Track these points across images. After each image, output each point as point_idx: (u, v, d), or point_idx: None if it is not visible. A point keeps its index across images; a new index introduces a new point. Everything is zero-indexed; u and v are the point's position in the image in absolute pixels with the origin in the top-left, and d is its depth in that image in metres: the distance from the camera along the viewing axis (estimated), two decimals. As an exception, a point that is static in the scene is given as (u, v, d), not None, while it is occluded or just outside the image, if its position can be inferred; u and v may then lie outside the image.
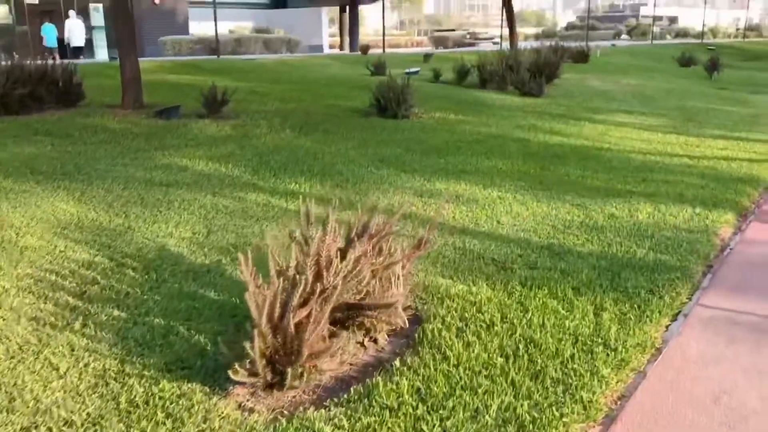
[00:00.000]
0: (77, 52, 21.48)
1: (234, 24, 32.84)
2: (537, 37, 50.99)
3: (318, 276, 2.90)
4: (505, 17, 21.52)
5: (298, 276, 2.85)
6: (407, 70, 14.57)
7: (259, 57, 19.21)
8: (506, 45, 21.39)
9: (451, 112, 10.33)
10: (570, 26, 58.73)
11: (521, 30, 71.95)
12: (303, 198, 3.77)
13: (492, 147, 7.93)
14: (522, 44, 24.16)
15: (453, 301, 3.65)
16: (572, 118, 10.31)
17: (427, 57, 18.61)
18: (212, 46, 23.61)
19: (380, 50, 26.03)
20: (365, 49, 21.26)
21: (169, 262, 4.03)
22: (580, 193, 6.02)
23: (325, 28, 34.63)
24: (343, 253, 3.07)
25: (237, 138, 7.72)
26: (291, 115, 9.37)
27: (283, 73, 14.25)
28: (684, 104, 12.50)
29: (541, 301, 3.70)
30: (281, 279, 2.81)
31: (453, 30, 56.04)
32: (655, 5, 40.25)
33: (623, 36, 48.63)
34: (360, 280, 2.97)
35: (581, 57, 20.57)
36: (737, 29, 61.49)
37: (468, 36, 44.40)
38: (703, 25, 38.12)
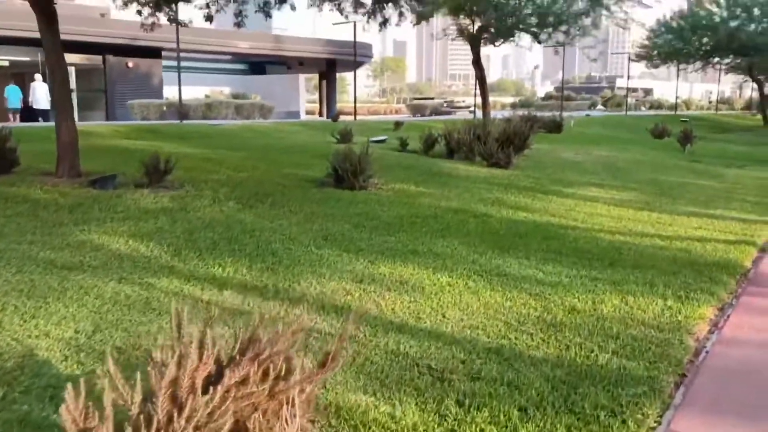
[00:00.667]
0: (42, 114, 21.00)
1: (210, 89, 32.77)
2: (514, 106, 51.71)
3: (169, 420, 2.20)
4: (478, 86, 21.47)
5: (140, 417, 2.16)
6: (373, 138, 14.17)
7: (226, 123, 18.82)
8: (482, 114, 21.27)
9: (413, 183, 9.80)
10: (547, 96, 59.77)
11: (499, 99, 73.23)
12: (219, 286, 3.09)
13: (450, 223, 7.35)
14: (498, 113, 24.12)
15: (369, 431, 2.95)
16: (540, 192, 9.82)
17: (397, 125, 18.33)
18: (182, 110, 23.30)
19: (349, 118, 25.96)
20: (337, 116, 21.00)
21: (29, 374, 3.30)
22: (540, 280, 5.41)
23: (302, 95, 34.67)
24: (213, 381, 2.38)
25: (172, 211, 7.06)
26: (241, 185, 8.77)
27: (247, 140, 13.77)
28: (657, 177, 12.12)
29: (478, 430, 3.01)
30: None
31: (431, 98, 56.76)
32: (628, 77, 40.96)
33: (599, 107, 49.49)
34: (223, 423, 2.26)
35: (555, 127, 20.46)
36: (710, 102, 62.91)
37: (445, 104, 44.82)
38: (676, 97, 38.79)
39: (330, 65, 36.49)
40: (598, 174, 12.16)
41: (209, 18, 10.88)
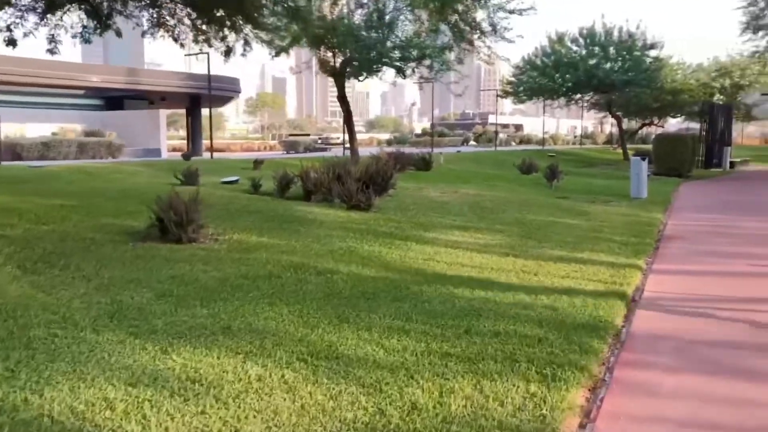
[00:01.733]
0: None
1: (59, 126, 29.87)
2: (390, 142, 51.85)
3: None
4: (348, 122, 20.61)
5: None
6: (224, 179, 12.79)
7: (56, 164, 16.69)
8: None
9: (256, 232, 8.53)
10: (422, 133, 60.57)
11: (377, 136, 73.64)
12: None
13: (285, 285, 6.13)
14: (368, 150, 23.37)
15: None
16: (399, 238, 8.85)
17: (257, 163, 17.01)
18: (15, 150, 20.76)
19: (221, 155, 24.35)
20: (189, 154, 19.36)
21: None
22: (379, 362, 4.30)
23: (163, 131, 32.49)
24: None
25: None
26: (36, 241, 7.14)
27: (71, 183, 11.95)
28: (524, 217, 11.56)
29: None
30: None
31: (307, 134, 55.85)
32: (497, 114, 42.01)
33: (471, 142, 50.54)
34: None
35: (424, 164, 19.93)
36: (574, 136, 66.32)
37: (320, 141, 43.95)
38: (543, 132, 40.10)
39: (194, 100, 34.61)
40: (464, 215, 11.43)
41: (11, 42, 9.18)
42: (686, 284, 7.22)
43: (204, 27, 10.64)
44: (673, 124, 62.15)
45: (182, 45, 10.81)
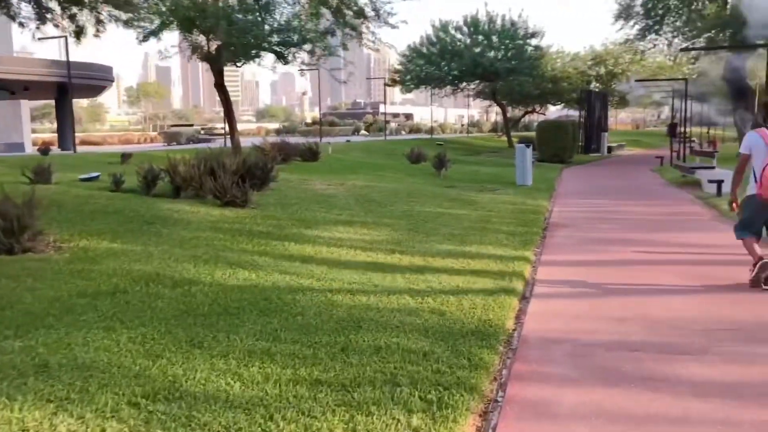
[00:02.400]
0: None
1: None
2: (278, 132, 50.47)
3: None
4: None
5: None
6: (83, 176, 11.44)
7: None
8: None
9: (109, 237, 7.46)
10: (314, 122, 59.43)
11: (266, 125, 71.69)
12: None
13: (131, 302, 5.21)
14: (254, 141, 22.25)
15: None
16: (276, 238, 8.05)
17: (125, 157, 15.56)
18: None
19: (95, 148, 22.39)
20: (45, 148, 17.54)
21: None
22: (233, 400, 3.53)
23: (26, 124, 29.65)
24: None
25: None
26: None
27: None
28: (412, 209, 11.06)
29: None
30: None
31: (190, 125, 53.35)
32: (386, 103, 41.78)
33: (362, 132, 50.09)
34: None
35: (311, 155, 19.12)
36: (462, 125, 67.52)
37: (203, 131, 41.94)
38: (432, 121, 40.22)
39: (62, 90, 31.83)
40: (350, 209, 10.77)
41: None
42: (576, 276, 6.91)
43: (48, 4, 9.29)
44: (554, 111, 64.63)
45: (21, 24, 9.41)
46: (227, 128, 18.55)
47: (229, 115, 18.16)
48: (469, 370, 4.06)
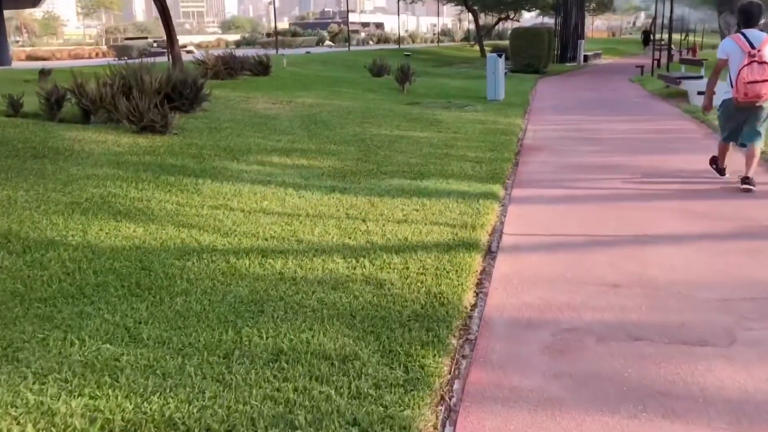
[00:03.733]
0: None
1: None
2: (238, 44, 47.55)
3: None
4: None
5: None
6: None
7: None
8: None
9: (-28, 180, 5.93)
10: (272, 33, 56.11)
11: (226, 37, 67.86)
12: None
13: (-51, 282, 3.78)
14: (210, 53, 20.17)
15: None
16: (191, 173, 6.58)
17: (43, 74, 13.64)
18: None
19: (25, 64, 20.21)
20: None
21: None
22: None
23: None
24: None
25: None
26: None
27: None
28: (364, 132, 9.57)
29: None
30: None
31: (144, 38, 49.98)
32: (348, 12, 39.11)
33: (327, 42, 47.34)
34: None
35: (262, 69, 17.25)
36: (433, 34, 64.59)
37: (155, 44, 39.06)
38: (399, 29, 37.91)
39: (-10, -2, 28.76)
40: (292, 133, 9.25)
41: None
42: (554, 219, 5.61)
43: None
44: (528, 19, 61.97)
45: None
46: (166, 39, 16.53)
47: (167, 24, 16.12)
48: (402, 391, 2.77)
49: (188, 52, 31.72)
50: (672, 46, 27.95)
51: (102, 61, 28.49)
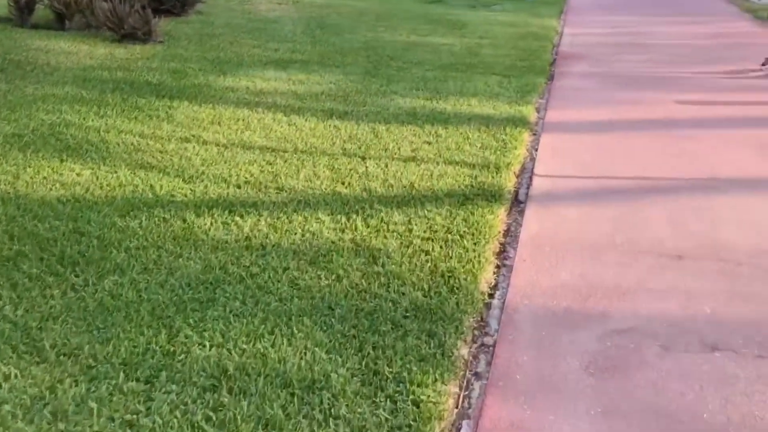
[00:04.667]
0: None
1: None
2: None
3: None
4: None
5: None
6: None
7: None
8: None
9: None
10: None
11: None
12: None
13: None
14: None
15: None
16: (165, 95, 5.60)
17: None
18: None
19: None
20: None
21: None
22: None
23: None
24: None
25: None
26: None
27: None
28: (377, 38, 8.39)
29: None
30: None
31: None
32: None
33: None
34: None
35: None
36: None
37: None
38: None
39: None
40: (294, 40, 8.11)
41: None
42: (598, 154, 4.60)
43: None
44: None
45: None
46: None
47: None
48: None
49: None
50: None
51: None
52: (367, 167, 4.14)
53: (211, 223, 3.34)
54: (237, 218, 3.40)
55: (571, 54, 8.00)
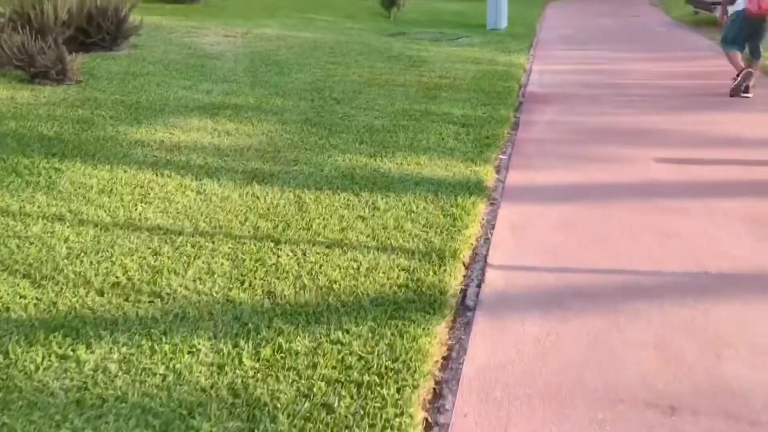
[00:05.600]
0: None
1: None
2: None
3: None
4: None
5: None
6: None
7: None
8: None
9: None
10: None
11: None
12: None
13: None
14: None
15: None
16: (57, 152, 4.71)
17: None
18: None
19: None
20: None
21: None
22: None
23: None
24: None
25: None
26: None
27: None
28: (327, 78, 7.60)
29: None
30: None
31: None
32: None
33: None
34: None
35: (228, -11, 14.91)
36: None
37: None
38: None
39: None
40: (232, 79, 7.28)
41: None
42: (565, 234, 3.82)
43: None
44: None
45: None
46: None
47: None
48: None
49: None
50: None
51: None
52: (279, 257, 3.29)
53: (43, 358, 2.46)
54: (81, 348, 2.52)
55: (539, 96, 7.28)
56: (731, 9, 7.25)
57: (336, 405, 2.26)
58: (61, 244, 3.35)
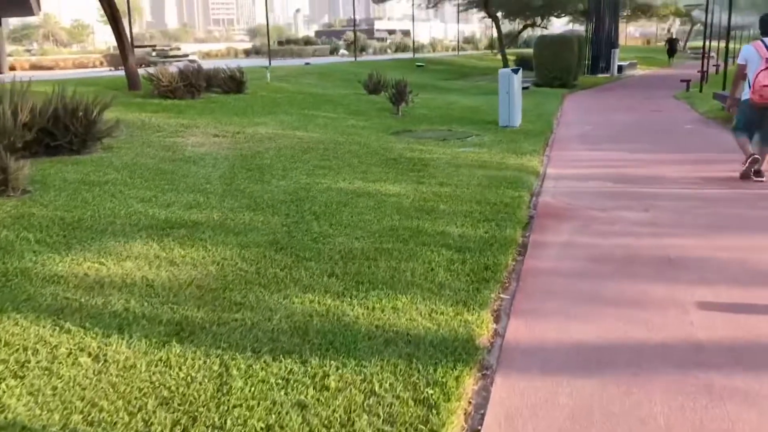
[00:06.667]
0: None
1: None
2: (247, 53, 45.07)
3: None
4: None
5: None
6: None
7: None
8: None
9: None
10: (285, 41, 53.64)
11: (235, 45, 65.43)
12: None
13: None
14: (220, 63, 17.68)
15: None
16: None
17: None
18: None
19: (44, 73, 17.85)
20: None
21: None
22: None
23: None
24: None
25: None
26: None
27: None
28: (311, 186, 6.75)
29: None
30: None
31: (152, 46, 47.82)
32: (381, 20, 36.35)
33: (341, 51, 44.54)
34: None
35: (234, 85, 14.56)
36: (457, 42, 61.74)
37: (154, 53, 36.72)
38: (413, 37, 35.17)
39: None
40: (203, 189, 6.46)
41: None
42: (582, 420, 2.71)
43: None
44: (558, 26, 58.66)
45: None
46: (118, 47, 14.02)
47: (118, 32, 13.57)
48: None
49: (191, 61, 29.25)
50: (712, 54, 24.69)
51: (94, 72, 26.29)
52: (160, 486, 2.24)
53: None
54: None
55: (552, 209, 6.31)
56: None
57: None
58: None
